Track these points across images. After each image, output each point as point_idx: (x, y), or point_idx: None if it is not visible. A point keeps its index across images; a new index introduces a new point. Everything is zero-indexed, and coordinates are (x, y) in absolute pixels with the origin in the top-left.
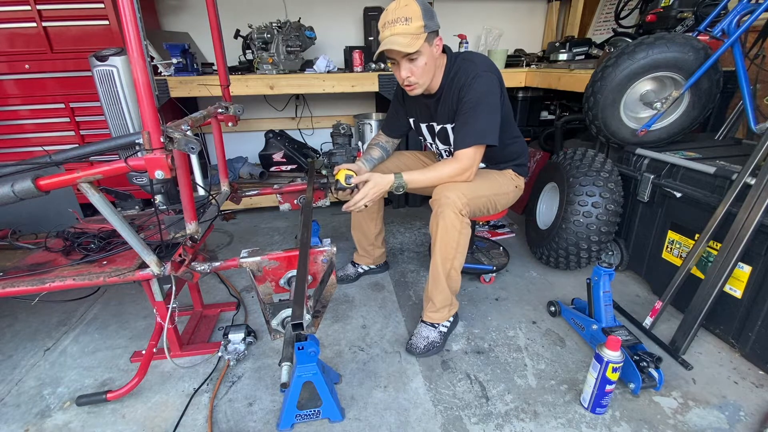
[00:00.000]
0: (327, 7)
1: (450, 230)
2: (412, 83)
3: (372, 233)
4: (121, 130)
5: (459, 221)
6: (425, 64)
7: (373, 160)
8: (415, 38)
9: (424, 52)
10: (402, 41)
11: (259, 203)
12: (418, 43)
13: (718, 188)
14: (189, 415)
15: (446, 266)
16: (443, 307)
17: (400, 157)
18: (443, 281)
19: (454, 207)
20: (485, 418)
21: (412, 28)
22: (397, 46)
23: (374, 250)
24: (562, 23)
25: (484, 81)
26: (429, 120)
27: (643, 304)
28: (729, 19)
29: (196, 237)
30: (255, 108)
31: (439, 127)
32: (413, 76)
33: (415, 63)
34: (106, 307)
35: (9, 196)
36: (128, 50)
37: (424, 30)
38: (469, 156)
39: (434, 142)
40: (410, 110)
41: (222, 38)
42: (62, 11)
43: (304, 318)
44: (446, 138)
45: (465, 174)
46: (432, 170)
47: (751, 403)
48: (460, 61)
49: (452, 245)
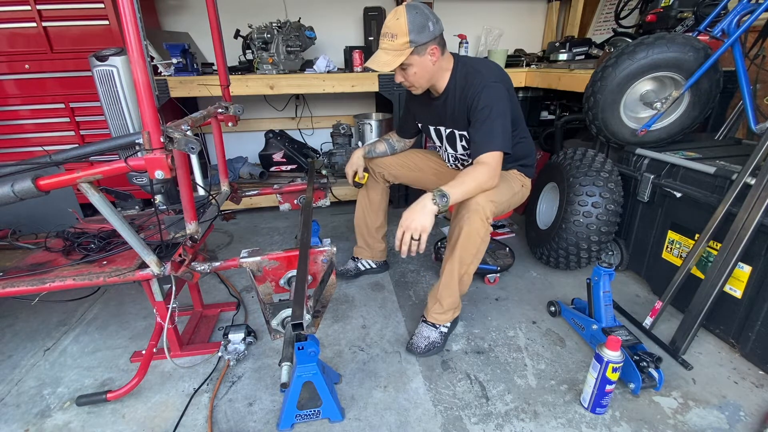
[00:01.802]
0: (327, 7)
1: (473, 236)
2: (408, 86)
3: (374, 225)
4: (121, 130)
5: (484, 229)
6: (415, 72)
7: (376, 152)
8: (397, 54)
9: (413, 63)
10: (384, 59)
11: (259, 203)
12: (399, 60)
13: (718, 188)
14: (189, 415)
15: (461, 271)
16: (450, 310)
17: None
18: (456, 285)
19: (483, 214)
20: (485, 418)
21: (396, 45)
22: (375, 65)
23: (375, 243)
24: (562, 23)
25: (495, 90)
26: (437, 123)
27: (643, 304)
28: (729, 19)
29: (196, 237)
30: (255, 108)
31: (449, 131)
32: (406, 81)
33: (406, 72)
34: (106, 307)
35: (9, 196)
36: (128, 50)
37: (409, 46)
38: (496, 159)
39: (442, 145)
40: (417, 113)
41: (222, 38)
42: (62, 11)
43: (304, 318)
44: (455, 143)
45: (495, 179)
46: (468, 181)
47: (751, 403)
48: (469, 69)
49: (473, 251)
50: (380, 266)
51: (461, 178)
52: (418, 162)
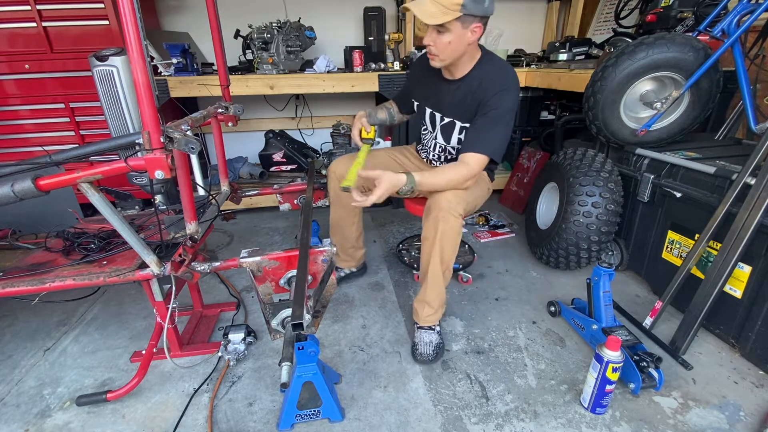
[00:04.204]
0: (327, 7)
1: (449, 233)
2: (432, 53)
3: (353, 236)
4: (121, 130)
5: (459, 224)
6: (449, 42)
7: (377, 118)
8: (445, 12)
9: (452, 30)
10: (429, 9)
11: (259, 203)
12: (446, 18)
13: (718, 188)
14: (189, 415)
15: (444, 267)
16: (440, 307)
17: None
18: (441, 282)
19: (456, 211)
20: (485, 418)
21: (447, 1)
22: (419, 11)
23: (356, 252)
24: (562, 23)
25: (512, 97)
26: (437, 108)
27: (643, 304)
28: (729, 19)
29: (196, 237)
30: (255, 108)
31: (447, 121)
32: (434, 47)
33: (440, 36)
34: (106, 307)
35: (9, 196)
36: (128, 50)
37: (460, 9)
38: (479, 163)
39: (434, 131)
40: (417, 91)
41: (222, 38)
42: (62, 11)
43: (304, 318)
44: (451, 134)
45: (470, 181)
46: (442, 173)
47: (751, 403)
48: (495, 66)
49: (452, 247)
50: (360, 269)
51: (436, 171)
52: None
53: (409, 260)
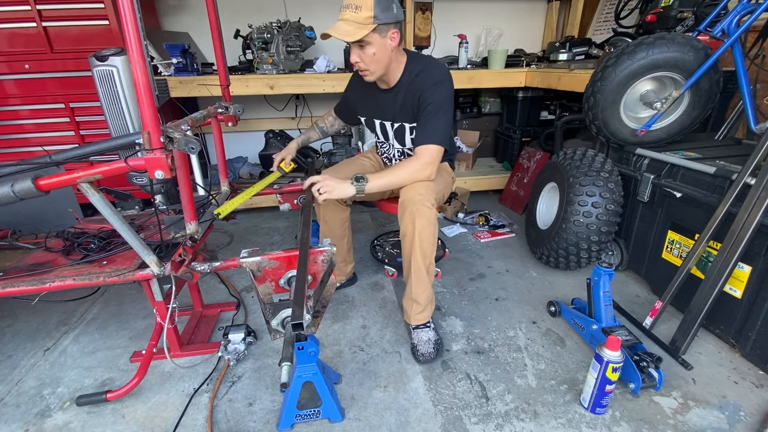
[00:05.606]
0: (327, 7)
1: (427, 226)
2: (362, 69)
3: (344, 250)
4: (121, 130)
5: (434, 215)
6: (374, 54)
7: (311, 141)
8: (359, 27)
9: (373, 42)
10: (345, 29)
11: (259, 203)
12: (361, 33)
13: (718, 188)
14: (189, 415)
15: (426, 262)
16: (429, 304)
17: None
18: (425, 277)
19: (429, 202)
20: (485, 418)
21: (360, 17)
22: (337, 32)
23: (346, 267)
24: (562, 23)
25: (446, 88)
26: (384, 117)
27: (643, 304)
28: (729, 19)
29: (196, 237)
30: (255, 108)
31: (398, 125)
32: (362, 62)
33: (364, 50)
34: (106, 307)
35: (9, 196)
36: (128, 50)
37: (373, 21)
38: (431, 153)
39: (388, 140)
40: (360, 107)
41: (222, 38)
42: (62, 11)
43: (304, 318)
44: (404, 136)
45: (428, 170)
46: (394, 172)
47: (751, 403)
48: (422, 64)
49: (431, 240)
50: (350, 279)
51: (386, 170)
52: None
53: (382, 256)
